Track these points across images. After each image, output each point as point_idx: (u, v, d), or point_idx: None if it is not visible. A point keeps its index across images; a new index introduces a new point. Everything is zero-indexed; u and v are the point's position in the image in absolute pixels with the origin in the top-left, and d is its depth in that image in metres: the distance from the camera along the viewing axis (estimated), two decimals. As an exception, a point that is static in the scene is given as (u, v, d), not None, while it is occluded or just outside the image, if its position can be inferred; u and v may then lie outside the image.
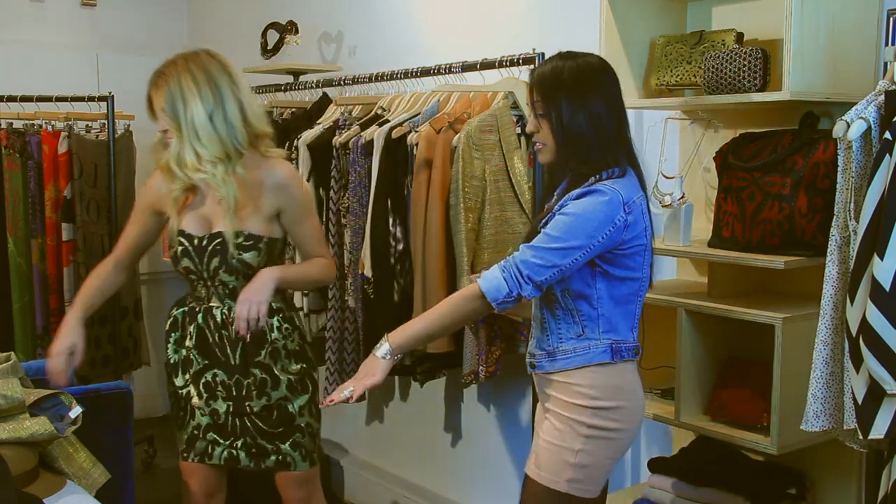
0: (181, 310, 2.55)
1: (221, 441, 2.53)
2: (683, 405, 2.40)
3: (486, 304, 1.94)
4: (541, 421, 2.14)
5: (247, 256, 2.39)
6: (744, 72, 2.25)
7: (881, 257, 1.79)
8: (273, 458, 2.51)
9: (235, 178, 2.36)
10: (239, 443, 2.52)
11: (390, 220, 3.09)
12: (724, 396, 2.37)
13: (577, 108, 1.97)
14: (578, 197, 1.95)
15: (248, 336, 2.37)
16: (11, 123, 4.23)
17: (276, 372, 2.48)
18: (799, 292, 2.44)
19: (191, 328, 2.51)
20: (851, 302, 1.87)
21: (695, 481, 2.44)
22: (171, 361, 2.57)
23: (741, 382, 2.35)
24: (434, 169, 2.94)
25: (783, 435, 2.19)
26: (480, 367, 2.98)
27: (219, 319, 2.45)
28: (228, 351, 2.46)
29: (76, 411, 2.26)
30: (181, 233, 2.43)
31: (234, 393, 2.48)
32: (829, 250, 1.99)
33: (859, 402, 1.87)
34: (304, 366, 2.54)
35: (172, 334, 2.56)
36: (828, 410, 2.03)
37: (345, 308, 3.37)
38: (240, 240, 2.39)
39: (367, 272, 3.13)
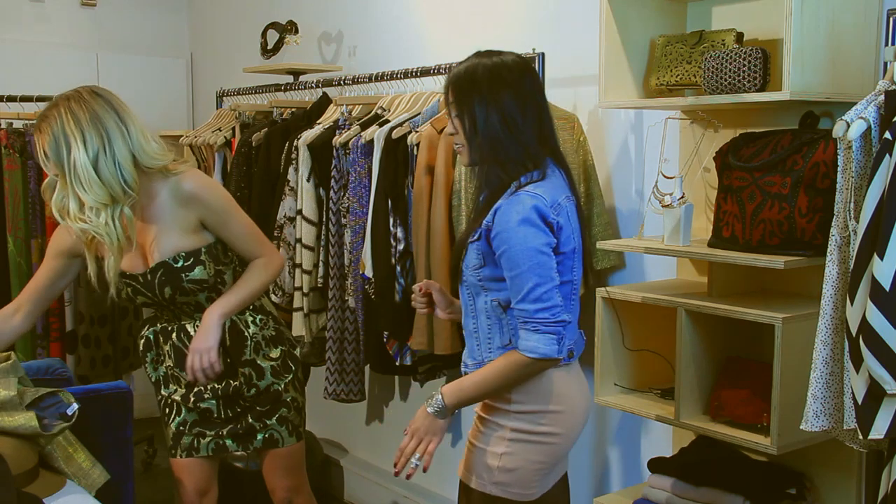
0: (152, 329, 2.58)
1: (208, 432, 2.56)
2: (683, 405, 2.40)
3: (548, 362, 1.91)
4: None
5: (194, 275, 2.40)
6: (744, 72, 2.25)
7: (881, 257, 1.79)
8: (260, 436, 2.55)
9: (124, 218, 2.29)
10: (225, 430, 2.55)
11: (391, 220, 3.09)
12: (724, 396, 2.37)
13: (490, 109, 1.92)
14: (498, 210, 1.90)
15: (206, 383, 2.42)
16: (11, 123, 4.23)
17: (258, 363, 2.52)
18: (799, 292, 2.44)
19: (167, 347, 2.54)
20: (851, 302, 1.87)
21: (695, 481, 2.44)
22: (153, 379, 2.61)
23: (741, 382, 2.35)
24: (436, 169, 2.94)
25: (783, 435, 2.19)
26: (480, 367, 2.98)
27: (193, 334, 2.48)
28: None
29: (73, 408, 2.27)
30: (122, 274, 2.40)
31: (222, 394, 2.52)
32: (828, 250, 1.99)
33: (859, 403, 1.87)
34: (284, 348, 2.58)
35: (148, 354, 2.60)
36: (828, 410, 2.03)
37: (345, 308, 3.37)
38: (180, 263, 2.39)
39: (368, 272, 3.13)
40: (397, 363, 3.23)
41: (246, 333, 2.51)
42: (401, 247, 3.09)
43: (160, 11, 5.30)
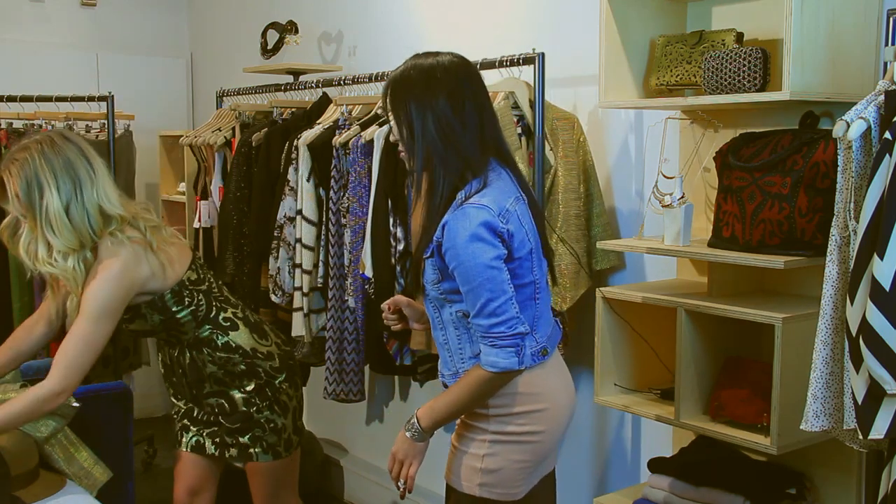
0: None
1: (192, 427, 2.60)
2: (683, 405, 2.40)
3: (510, 374, 1.90)
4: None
5: (134, 326, 2.43)
6: (744, 72, 2.25)
7: (881, 257, 1.79)
8: (234, 450, 2.56)
9: (87, 262, 2.28)
10: (206, 431, 2.58)
11: (391, 220, 3.09)
12: (724, 396, 2.37)
13: (426, 114, 1.88)
14: (446, 225, 1.87)
15: None
16: (11, 123, 4.23)
17: (230, 393, 2.54)
18: (799, 292, 2.44)
19: (159, 358, 2.67)
20: (851, 302, 1.87)
21: (695, 481, 2.44)
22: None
23: (741, 382, 2.35)
24: (434, 169, 2.94)
25: (783, 435, 2.19)
26: (480, 367, 2.98)
27: (168, 361, 2.59)
28: (180, 399, 2.62)
29: (73, 404, 2.28)
30: None
31: (196, 415, 2.60)
32: (828, 250, 1.99)
33: (859, 403, 1.87)
34: (259, 381, 2.54)
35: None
36: (828, 410, 2.02)
37: (345, 308, 3.37)
38: (124, 324, 2.41)
39: (368, 272, 3.13)
40: (397, 363, 3.22)
41: (203, 372, 2.51)
42: (401, 247, 3.09)
43: (160, 11, 5.30)
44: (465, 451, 2.03)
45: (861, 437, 1.89)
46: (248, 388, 2.52)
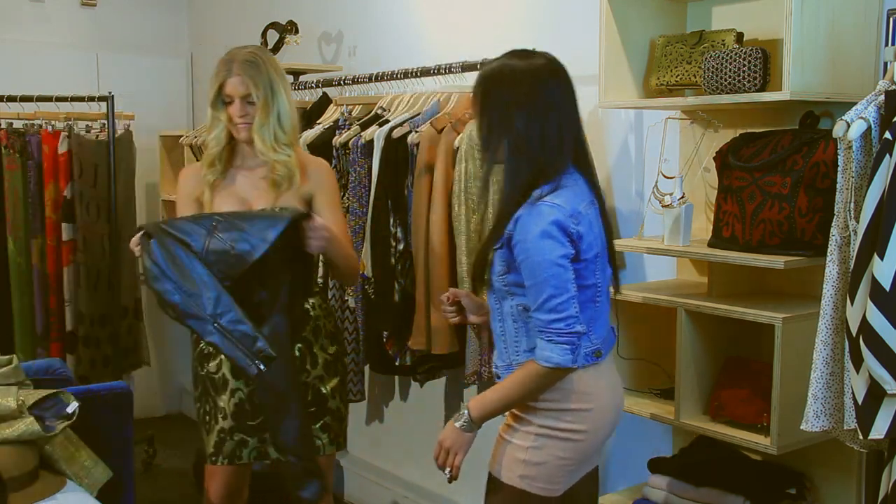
0: None
1: (249, 439, 2.53)
2: (683, 405, 2.40)
3: (563, 371, 1.95)
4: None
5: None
6: (744, 72, 2.25)
7: (881, 257, 1.79)
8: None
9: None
10: (268, 435, 2.52)
11: (391, 221, 3.09)
12: (724, 396, 2.37)
13: (513, 112, 1.93)
14: (519, 220, 1.93)
15: None
16: (11, 123, 4.23)
17: (314, 350, 2.54)
18: (799, 292, 2.44)
19: None
20: (851, 302, 1.87)
21: (695, 481, 2.44)
22: (205, 351, 2.59)
23: (741, 382, 2.35)
24: (436, 170, 2.94)
25: (783, 435, 2.19)
26: (483, 368, 2.98)
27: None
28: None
29: (73, 406, 2.27)
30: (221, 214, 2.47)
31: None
32: (829, 250, 1.99)
33: (859, 403, 1.87)
34: (339, 348, 2.62)
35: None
36: (828, 411, 2.03)
37: (345, 308, 3.37)
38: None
39: (368, 272, 3.13)
40: (397, 363, 3.23)
41: (311, 314, 2.54)
42: (400, 247, 3.09)
43: (160, 11, 5.29)
44: (511, 441, 2.06)
45: (861, 437, 1.89)
46: (330, 350, 2.59)
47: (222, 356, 2.50)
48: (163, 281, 2.22)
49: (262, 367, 2.23)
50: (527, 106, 1.93)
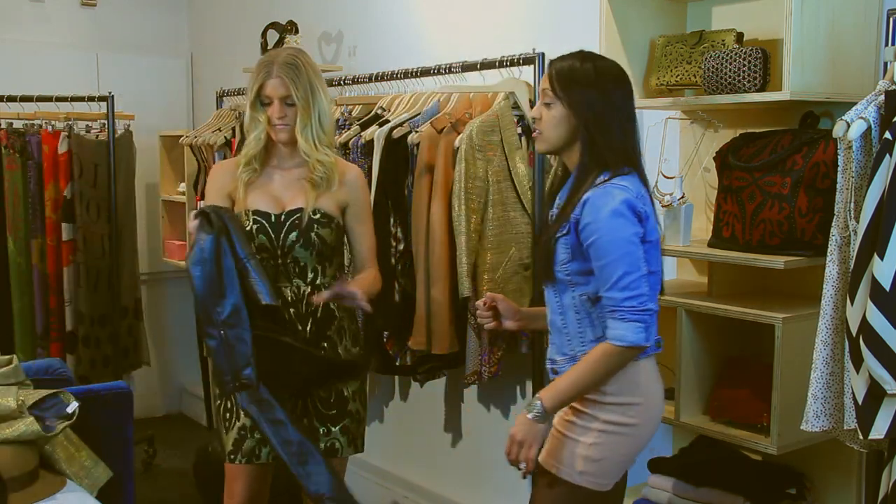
0: None
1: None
2: (683, 405, 2.40)
3: (635, 350, 1.97)
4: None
5: (324, 232, 2.49)
6: (744, 72, 2.25)
7: (881, 257, 1.79)
8: (322, 444, 2.51)
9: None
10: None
11: (391, 220, 3.09)
12: (724, 396, 2.37)
13: (585, 104, 1.99)
14: (587, 202, 1.96)
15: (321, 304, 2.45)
16: (11, 123, 4.23)
17: (339, 350, 2.54)
18: (799, 292, 2.44)
19: None
20: (851, 302, 1.87)
21: (695, 481, 2.44)
22: None
23: (741, 382, 2.35)
24: (436, 170, 2.94)
25: (783, 435, 2.19)
26: (483, 368, 2.98)
27: (288, 298, 2.49)
28: (299, 326, 2.50)
29: (73, 406, 2.27)
30: (255, 212, 2.49)
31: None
32: (829, 250, 1.99)
33: (859, 403, 1.87)
34: (360, 349, 2.63)
35: None
36: (828, 411, 2.03)
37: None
38: (318, 216, 2.48)
39: (367, 272, 3.13)
40: (397, 363, 3.22)
41: (336, 313, 2.54)
42: (401, 247, 3.09)
43: (160, 11, 5.29)
44: (571, 436, 2.05)
45: (861, 437, 1.89)
46: (353, 352, 2.60)
47: None
48: (197, 267, 2.27)
49: (236, 391, 2.28)
50: (601, 98, 1.99)
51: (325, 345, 2.52)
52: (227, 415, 2.56)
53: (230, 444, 2.53)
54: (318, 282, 2.51)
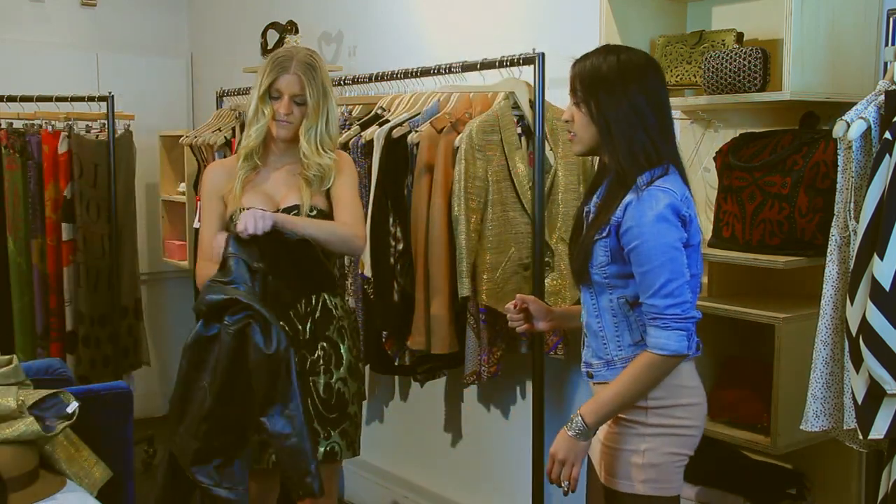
0: None
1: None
2: (683, 405, 2.39)
3: (677, 358, 1.91)
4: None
5: None
6: (744, 72, 2.25)
7: (881, 257, 1.79)
8: (322, 449, 2.51)
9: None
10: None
11: (390, 220, 3.09)
12: (724, 396, 2.37)
13: (620, 99, 1.92)
14: (629, 206, 1.90)
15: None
16: (11, 123, 4.23)
17: (341, 350, 2.54)
18: (799, 292, 2.44)
19: None
20: (851, 302, 1.87)
21: (695, 481, 2.44)
22: None
23: (741, 382, 2.35)
24: (436, 169, 2.94)
25: (783, 435, 2.19)
26: (482, 368, 2.98)
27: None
28: (298, 326, 2.49)
29: (73, 406, 2.27)
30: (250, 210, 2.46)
31: (299, 369, 2.44)
32: (829, 250, 1.99)
33: (859, 403, 1.87)
34: (359, 352, 2.64)
35: None
36: (828, 411, 2.03)
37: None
38: (314, 213, 2.48)
39: (367, 272, 3.13)
40: (396, 363, 3.22)
41: (334, 313, 2.53)
42: (400, 246, 3.09)
43: (160, 11, 5.29)
44: (623, 448, 1.98)
45: (861, 437, 1.89)
46: (354, 353, 2.60)
47: None
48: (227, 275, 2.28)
49: (206, 383, 2.24)
50: (635, 93, 1.91)
51: (325, 345, 2.51)
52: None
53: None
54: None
